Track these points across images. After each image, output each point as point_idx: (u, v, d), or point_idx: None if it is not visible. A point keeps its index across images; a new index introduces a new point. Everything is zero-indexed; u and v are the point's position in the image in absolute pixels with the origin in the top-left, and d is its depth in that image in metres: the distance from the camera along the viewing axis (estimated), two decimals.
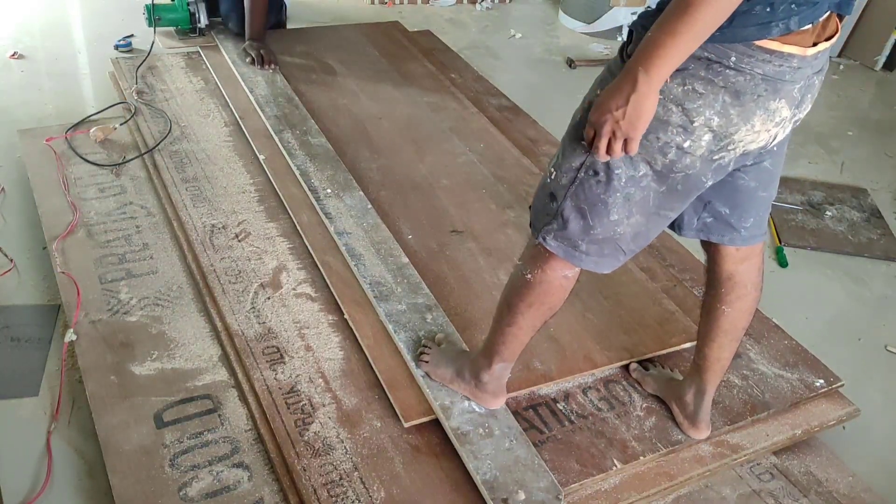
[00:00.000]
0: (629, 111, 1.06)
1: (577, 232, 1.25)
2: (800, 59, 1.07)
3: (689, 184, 1.19)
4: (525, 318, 1.40)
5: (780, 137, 1.19)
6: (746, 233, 1.36)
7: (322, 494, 1.43)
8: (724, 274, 1.44)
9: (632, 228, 1.24)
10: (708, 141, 1.12)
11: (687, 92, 1.09)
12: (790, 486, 1.62)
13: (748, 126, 1.11)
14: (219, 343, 1.76)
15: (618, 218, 1.22)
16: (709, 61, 1.06)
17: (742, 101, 1.09)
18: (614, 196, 1.19)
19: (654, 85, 1.04)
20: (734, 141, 1.13)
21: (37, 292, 1.97)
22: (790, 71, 1.08)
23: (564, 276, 1.33)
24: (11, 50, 3.19)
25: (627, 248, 1.28)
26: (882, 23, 3.84)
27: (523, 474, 1.46)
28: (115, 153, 2.40)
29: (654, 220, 1.25)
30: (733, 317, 1.47)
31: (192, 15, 3.04)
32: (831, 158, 3.09)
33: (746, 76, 1.07)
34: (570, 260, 1.29)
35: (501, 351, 1.48)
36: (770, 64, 1.06)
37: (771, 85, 1.08)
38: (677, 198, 1.22)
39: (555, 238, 1.28)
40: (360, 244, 1.99)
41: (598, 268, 1.30)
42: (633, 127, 1.07)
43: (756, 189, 1.31)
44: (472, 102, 2.86)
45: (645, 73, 1.03)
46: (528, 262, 1.35)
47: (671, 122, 1.11)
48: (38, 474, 1.52)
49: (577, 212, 1.23)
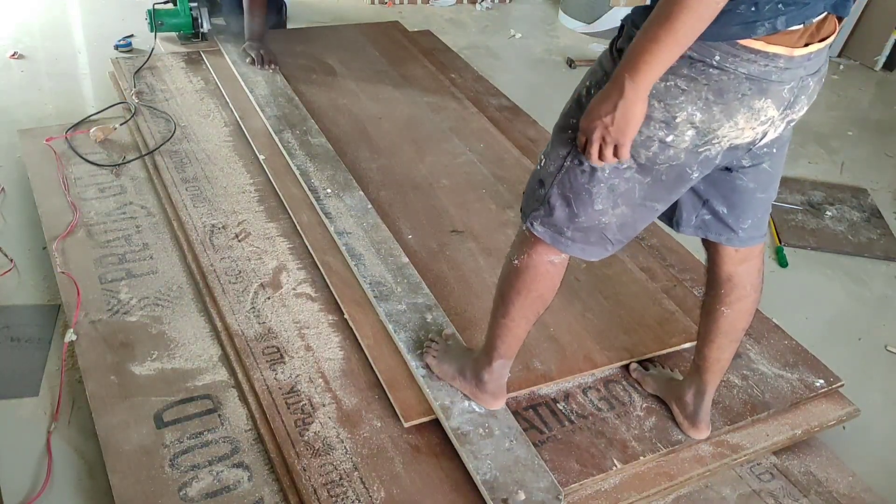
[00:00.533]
0: (618, 118, 1.07)
1: (563, 219, 1.26)
2: (787, 60, 1.06)
3: (674, 175, 1.19)
4: (515, 308, 1.41)
5: (770, 135, 1.18)
6: (744, 234, 1.36)
7: (322, 494, 1.43)
8: (723, 275, 1.44)
9: (617, 219, 1.25)
10: (691, 136, 1.12)
11: (669, 88, 1.09)
12: (790, 486, 1.62)
13: (731, 123, 1.11)
14: (219, 343, 1.76)
15: (602, 208, 1.23)
16: (692, 60, 1.06)
17: (725, 100, 1.08)
18: (598, 186, 1.20)
19: (640, 91, 1.05)
20: (718, 136, 1.13)
21: (37, 292, 1.97)
22: (776, 71, 1.07)
23: (550, 262, 1.34)
24: (11, 50, 3.19)
25: (614, 238, 1.29)
26: (882, 23, 3.84)
27: (523, 474, 1.46)
28: (115, 153, 2.40)
29: (640, 211, 1.25)
30: (732, 318, 1.47)
31: (195, 20, 3.03)
32: (831, 158, 3.09)
33: (730, 75, 1.06)
34: (556, 245, 1.30)
35: (499, 346, 1.48)
36: (755, 64, 1.05)
37: (756, 84, 1.07)
38: (663, 189, 1.22)
39: (542, 224, 1.29)
40: (360, 244, 1.99)
41: (585, 255, 1.31)
42: (623, 133, 1.09)
43: (754, 190, 1.31)
44: (472, 102, 2.86)
45: (631, 80, 1.04)
46: (515, 248, 1.37)
47: (653, 117, 1.11)
48: (38, 474, 1.52)
49: (563, 199, 1.24)
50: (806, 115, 1.21)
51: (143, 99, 2.64)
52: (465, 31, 4.01)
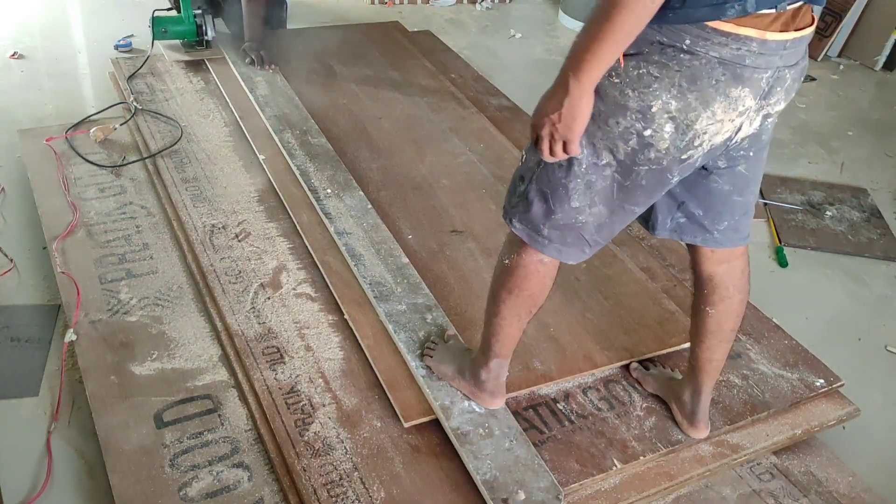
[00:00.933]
0: (564, 114, 1.09)
1: (539, 216, 1.26)
2: (760, 44, 1.05)
3: (654, 179, 1.19)
4: (507, 307, 1.41)
5: (745, 130, 1.17)
6: (721, 236, 1.36)
7: (322, 494, 1.43)
8: (704, 275, 1.44)
9: (594, 219, 1.25)
10: (671, 132, 1.11)
11: (642, 76, 1.09)
12: (790, 485, 1.62)
13: (708, 112, 1.10)
14: (219, 343, 1.76)
15: (579, 205, 1.23)
16: (661, 45, 1.06)
17: (699, 87, 1.07)
18: (575, 182, 1.20)
19: (585, 88, 1.06)
20: (698, 133, 1.12)
21: (37, 292, 1.97)
22: (750, 55, 1.06)
23: (540, 261, 1.34)
24: (11, 50, 3.19)
25: (591, 240, 1.29)
26: (882, 23, 3.84)
27: (523, 474, 1.46)
28: (115, 153, 2.40)
29: (618, 213, 1.25)
30: (718, 318, 1.47)
31: (200, 27, 2.90)
32: (831, 158, 3.09)
33: (702, 60, 1.05)
34: (532, 245, 1.30)
35: (494, 345, 1.48)
36: (726, 47, 1.04)
37: (730, 70, 1.06)
38: (642, 193, 1.22)
39: (520, 221, 1.30)
40: (360, 244, 1.99)
41: (562, 256, 1.31)
42: (570, 129, 1.10)
43: (730, 193, 1.30)
44: (471, 102, 2.86)
45: (575, 77, 1.05)
46: (506, 248, 1.38)
47: (629, 106, 1.11)
48: (38, 474, 1.52)
49: (540, 195, 1.25)
50: (806, 114, 1.21)
51: (142, 100, 2.63)
52: (465, 31, 4.01)
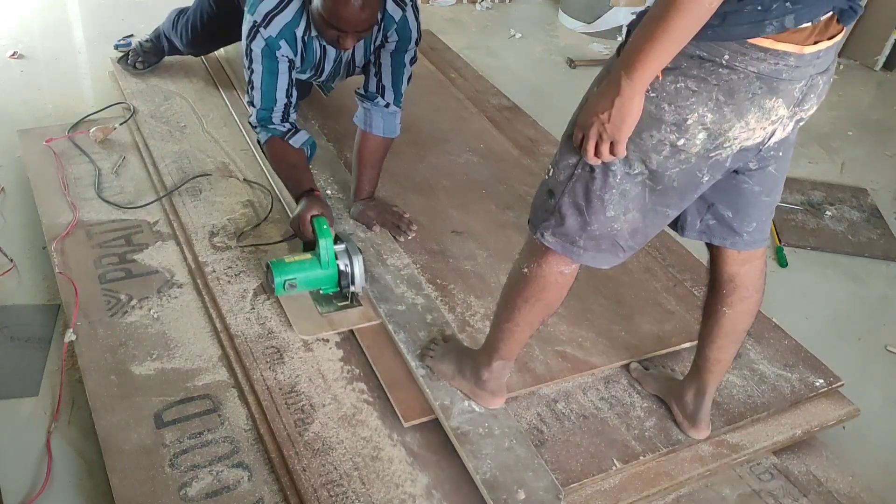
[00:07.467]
0: (614, 114, 1.08)
1: (575, 228, 1.26)
2: (797, 58, 1.06)
3: (685, 180, 1.19)
4: (522, 315, 1.40)
5: (779, 135, 1.18)
6: (749, 237, 1.36)
7: (322, 494, 1.42)
8: (725, 276, 1.44)
9: (629, 225, 1.25)
10: (703, 139, 1.12)
11: (679, 90, 1.09)
12: (790, 485, 1.62)
13: (742, 123, 1.11)
14: (219, 343, 1.76)
15: (614, 214, 1.22)
16: (701, 59, 1.06)
17: (736, 100, 1.08)
18: (610, 192, 1.20)
19: (637, 88, 1.05)
20: (729, 138, 1.13)
21: (37, 292, 1.97)
22: (787, 69, 1.07)
23: (560, 272, 1.34)
24: (11, 50, 3.19)
25: (626, 245, 1.29)
26: (882, 23, 3.84)
27: (523, 474, 1.46)
28: (115, 153, 2.40)
29: (651, 217, 1.25)
30: (734, 318, 1.47)
31: (342, 274, 1.84)
32: (831, 158, 3.09)
33: (740, 74, 1.06)
34: (568, 255, 1.30)
35: (500, 348, 1.48)
36: (765, 62, 1.05)
37: (766, 83, 1.07)
38: (674, 195, 1.22)
39: (553, 234, 1.29)
40: (360, 244, 1.99)
41: (597, 262, 1.31)
42: (619, 129, 1.09)
43: (760, 193, 1.31)
44: (472, 102, 2.85)
45: (627, 77, 1.04)
46: (525, 258, 1.37)
47: (664, 119, 1.11)
48: (38, 474, 1.52)
49: (574, 208, 1.24)
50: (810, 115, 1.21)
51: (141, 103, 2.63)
52: (465, 31, 4.00)
